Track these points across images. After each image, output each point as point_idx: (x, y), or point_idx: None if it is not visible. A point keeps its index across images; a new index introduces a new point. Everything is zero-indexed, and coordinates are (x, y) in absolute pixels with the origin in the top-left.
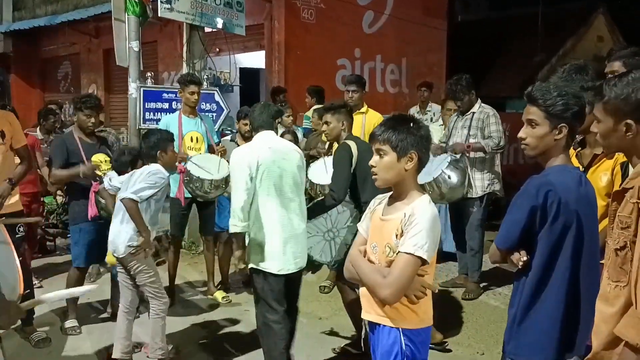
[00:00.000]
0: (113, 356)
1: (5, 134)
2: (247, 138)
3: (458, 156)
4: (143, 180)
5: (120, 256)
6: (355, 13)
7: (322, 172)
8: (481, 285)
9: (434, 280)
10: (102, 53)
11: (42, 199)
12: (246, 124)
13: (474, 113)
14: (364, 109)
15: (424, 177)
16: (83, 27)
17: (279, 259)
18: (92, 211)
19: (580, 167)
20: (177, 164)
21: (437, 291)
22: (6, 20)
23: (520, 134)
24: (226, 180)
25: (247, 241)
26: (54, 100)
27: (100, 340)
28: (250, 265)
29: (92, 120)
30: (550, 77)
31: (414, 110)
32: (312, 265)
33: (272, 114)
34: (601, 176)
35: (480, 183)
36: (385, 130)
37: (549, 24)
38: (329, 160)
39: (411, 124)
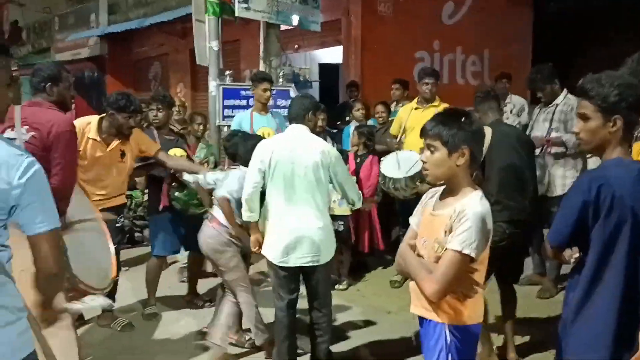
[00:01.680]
0: (210, 341)
1: (126, 153)
2: (318, 133)
3: (537, 152)
4: (238, 182)
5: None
6: (434, 4)
7: (394, 166)
8: (559, 285)
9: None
10: (188, 53)
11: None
12: (319, 120)
13: (557, 105)
14: (436, 103)
15: None
16: (171, 29)
17: (277, 251)
18: (163, 201)
19: None
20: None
21: (485, 289)
22: (102, 24)
23: (574, 129)
24: None
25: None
26: (142, 99)
27: (185, 325)
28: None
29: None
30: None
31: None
32: None
33: (306, 107)
34: None
35: (561, 181)
36: (436, 126)
37: None
38: (401, 154)
39: (463, 119)
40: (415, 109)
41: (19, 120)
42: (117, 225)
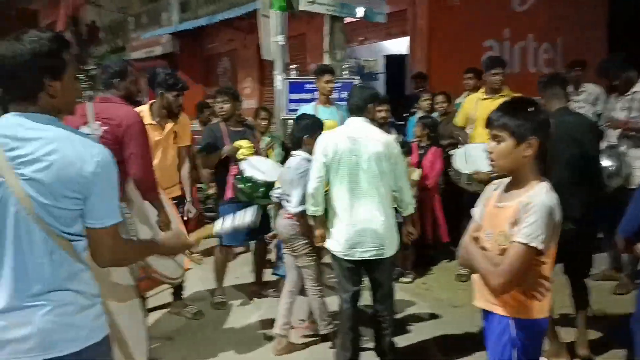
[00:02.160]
0: (274, 331)
1: (179, 134)
2: (381, 125)
3: (615, 141)
4: (295, 180)
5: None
6: None
7: (464, 159)
8: (637, 281)
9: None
10: (255, 48)
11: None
12: (380, 110)
13: (635, 92)
14: (505, 92)
15: None
16: (239, 24)
17: (341, 244)
18: (228, 193)
19: None
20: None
21: (553, 282)
22: (174, 22)
23: None
24: None
25: None
26: (210, 94)
27: (251, 314)
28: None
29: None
30: None
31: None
32: None
33: (366, 99)
34: None
35: None
36: (503, 116)
37: None
38: (470, 147)
39: (530, 108)
40: (483, 99)
41: (92, 116)
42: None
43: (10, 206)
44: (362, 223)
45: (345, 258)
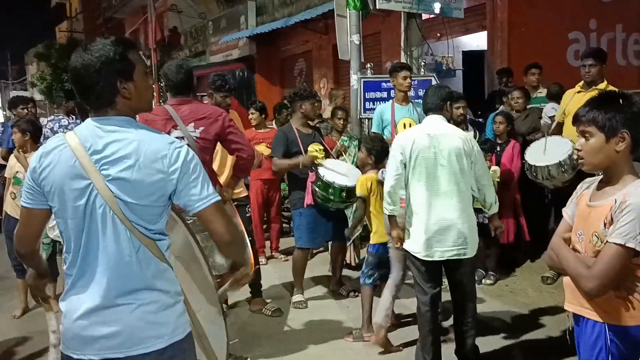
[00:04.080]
0: (375, 320)
1: None
2: (458, 123)
3: None
4: None
5: None
6: None
7: (540, 152)
8: None
9: None
10: (331, 48)
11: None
12: (458, 108)
13: None
14: (602, 85)
15: None
16: (314, 26)
17: (420, 244)
18: (308, 199)
19: None
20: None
21: None
22: (251, 26)
23: None
24: None
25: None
26: (287, 95)
27: (329, 313)
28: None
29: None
30: None
31: None
32: None
33: (442, 97)
34: None
35: None
36: (590, 110)
37: None
38: (551, 139)
39: (620, 100)
40: (578, 92)
41: (178, 119)
42: (247, 215)
43: (98, 207)
44: (441, 222)
45: (425, 259)
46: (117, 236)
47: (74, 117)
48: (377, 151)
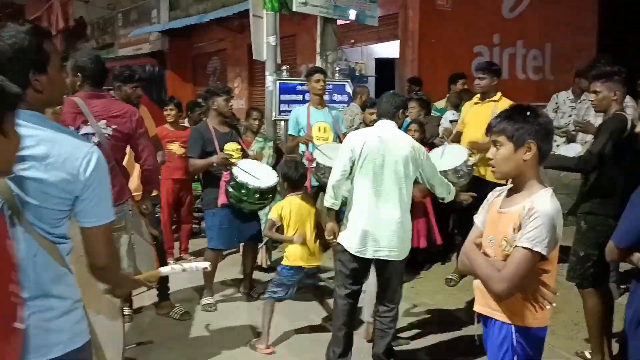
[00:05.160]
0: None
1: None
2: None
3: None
4: None
5: None
6: None
7: (438, 158)
8: (622, 286)
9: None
10: (246, 48)
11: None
12: (372, 114)
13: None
14: (496, 97)
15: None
16: (229, 24)
17: (355, 240)
18: (222, 199)
19: None
20: (304, 151)
21: (557, 294)
22: (163, 20)
23: (638, 129)
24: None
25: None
26: (201, 93)
27: (239, 317)
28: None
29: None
30: None
31: (564, 96)
32: None
33: (396, 105)
34: None
35: None
36: (501, 121)
37: None
38: (450, 147)
39: (528, 113)
40: (475, 104)
41: (89, 114)
42: (156, 216)
43: None
44: (379, 222)
45: (356, 254)
46: (15, 237)
47: None
48: (290, 178)
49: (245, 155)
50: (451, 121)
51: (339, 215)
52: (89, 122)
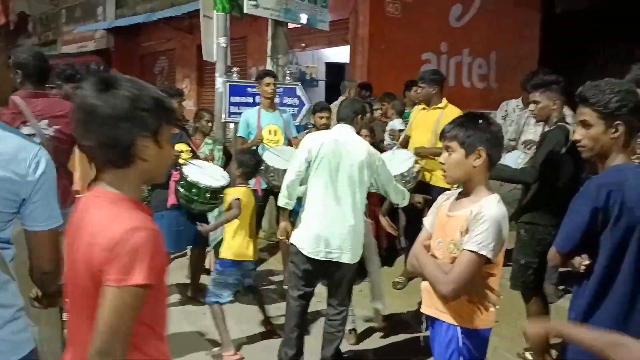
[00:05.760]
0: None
1: None
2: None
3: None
4: None
5: None
6: (443, 6)
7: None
8: (560, 287)
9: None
10: (195, 48)
11: None
12: (322, 117)
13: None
14: (442, 104)
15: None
16: (178, 24)
17: (308, 241)
18: (171, 199)
19: None
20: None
21: (501, 297)
22: (109, 18)
23: (576, 136)
24: None
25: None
26: None
27: (186, 320)
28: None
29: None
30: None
31: (514, 105)
32: None
33: (355, 110)
34: None
35: None
36: (454, 127)
37: None
38: (398, 152)
39: (480, 121)
40: (422, 109)
41: (30, 114)
42: None
43: None
44: (332, 225)
45: (309, 256)
46: None
47: None
48: (248, 165)
49: (195, 156)
50: (400, 130)
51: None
52: (29, 122)
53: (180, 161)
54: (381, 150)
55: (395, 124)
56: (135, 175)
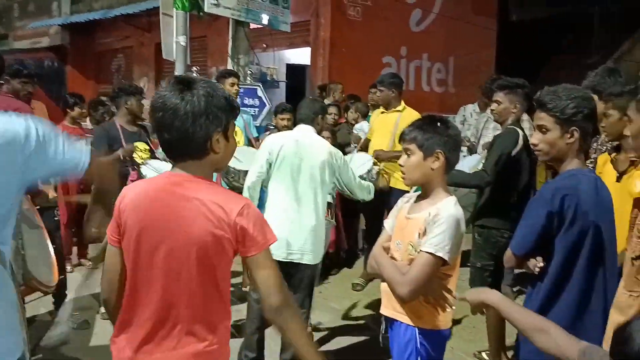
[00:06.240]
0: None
1: None
2: None
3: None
4: None
5: None
6: (403, 11)
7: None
8: (514, 289)
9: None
10: (154, 46)
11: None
12: (283, 119)
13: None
14: (400, 107)
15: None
16: (136, 21)
17: None
18: None
19: (616, 172)
20: None
21: (458, 297)
22: (64, 13)
23: (533, 140)
24: None
25: None
26: (106, 92)
27: None
28: None
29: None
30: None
31: (471, 109)
32: None
33: (315, 111)
34: (636, 182)
35: None
36: (413, 130)
37: (605, 23)
38: (358, 155)
39: (438, 124)
40: (382, 112)
41: None
42: (55, 219)
43: None
44: (293, 225)
45: None
46: None
47: None
48: None
49: (153, 156)
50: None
51: None
52: None
53: (138, 160)
54: (344, 153)
55: (363, 126)
56: (208, 164)
